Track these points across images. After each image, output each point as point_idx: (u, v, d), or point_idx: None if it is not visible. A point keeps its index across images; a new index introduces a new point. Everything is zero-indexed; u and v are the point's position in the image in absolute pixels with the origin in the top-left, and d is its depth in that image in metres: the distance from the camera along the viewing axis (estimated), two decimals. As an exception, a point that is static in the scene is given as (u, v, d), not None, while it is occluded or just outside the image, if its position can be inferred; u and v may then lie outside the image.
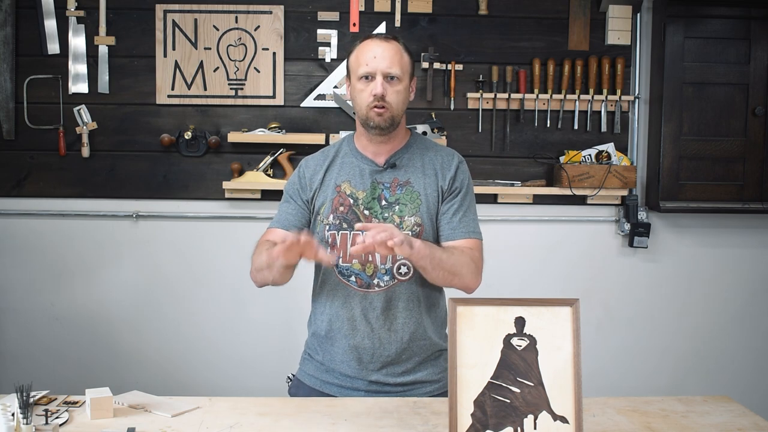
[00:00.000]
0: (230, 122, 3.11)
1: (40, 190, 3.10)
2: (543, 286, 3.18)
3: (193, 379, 3.17)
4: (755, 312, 3.29)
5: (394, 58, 1.78)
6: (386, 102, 1.77)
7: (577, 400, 1.38)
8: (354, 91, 1.82)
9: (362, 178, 1.84)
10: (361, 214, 1.81)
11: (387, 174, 1.85)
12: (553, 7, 3.14)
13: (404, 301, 1.82)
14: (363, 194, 1.82)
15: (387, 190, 1.83)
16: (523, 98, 3.11)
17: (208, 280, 3.16)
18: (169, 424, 1.58)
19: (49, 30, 3.05)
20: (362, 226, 1.64)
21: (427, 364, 1.87)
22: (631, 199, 3.15)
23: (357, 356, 1.82)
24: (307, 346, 1.97)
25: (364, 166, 1.85)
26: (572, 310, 1.42)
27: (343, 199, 1.82)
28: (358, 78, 1.79)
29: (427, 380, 1.87)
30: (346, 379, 1.85)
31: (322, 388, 1.87)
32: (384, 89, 1.76)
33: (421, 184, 1.84)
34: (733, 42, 3.09)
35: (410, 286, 1.82)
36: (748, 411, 1.70)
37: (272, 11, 3.08)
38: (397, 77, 1.78)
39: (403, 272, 1.81)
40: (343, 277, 1.82)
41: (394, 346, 1.82)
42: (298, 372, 1.97)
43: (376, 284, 1.80)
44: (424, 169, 1.86)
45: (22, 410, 1.43)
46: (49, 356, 3.14)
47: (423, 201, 1.82)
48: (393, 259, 1.80)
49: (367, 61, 1.77)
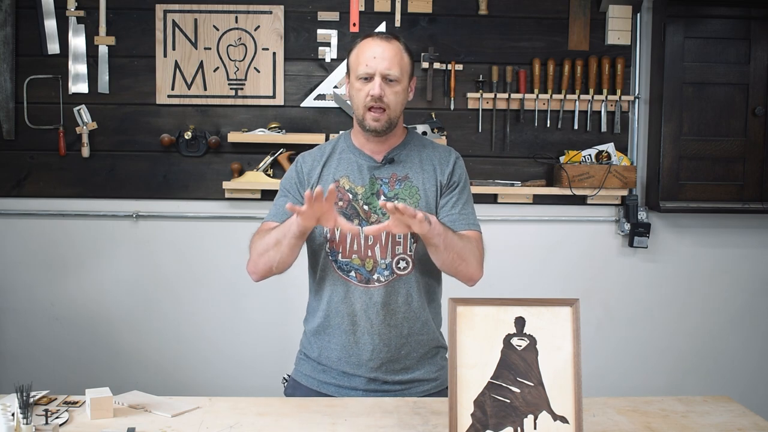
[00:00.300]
0: (230, 122, 3.11)
1: (40, 190, 3.10)
2: (543, 286, 3.18)
3: (193, 379, 3.17)
4: (755, 312, 3.29)
5: (393, 59, 1.77)
6: (384, 103, 1.77)
7: (577, 400, 1.38)
8: (352, 90, 1.82)
9: (360, 173, 1.84)
10: (361, 209, 1.81)
11: (385, 170, 1.85)
12: (553, 7, 3.14)
13: (404, 295, 1.82)
14: (362, 189, 1.82)
15: (386, 186, 1.83)
16: (523, 98, 3.11)
17: (208, 280, 3.16)
18: (169, 424, 1.58)
19: (49, 30, 3.05)
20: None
21: (425, 362, 1.87)
22: (631, 199, 3.15)
23: (356, 352, 1.82)
24: (302, 345, 1.96)
25: (362, 161, 1.85)
26: (572, 310, 1.42)
27: (342, 194, 1.82)
28: (357, 77, 1.79)
29: (425, 378, 1.87)
30: (344, 378, 1.84)
31: (320, 388, 1.87)
32: (382, 90, 1.76)
33: (420, 179, 1.84)
34: (733, 42, 3.09)
35: (409, 280, 1.82)
36: (748, 411, 1.70)
37: (272, 11, 3.08)
38: (396, 78, 1.78)
39: (402, 267, 1.81)
40: (343, 273, 1.82)
41: (393, 342, 1.82)
42: (294, 372, 1.96)
43: (376, 279, 1.80)
44: (422, 164, 1.86)
45: (22, 410, 1.43)
46: (49, 356, 3.14)
47: (422, 196, 1.82)
48: (392, 253, 1.80)
49: (367, 61, 1.77)
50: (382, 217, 1.78)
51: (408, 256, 1.81)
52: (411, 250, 1.81)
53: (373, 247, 1.79)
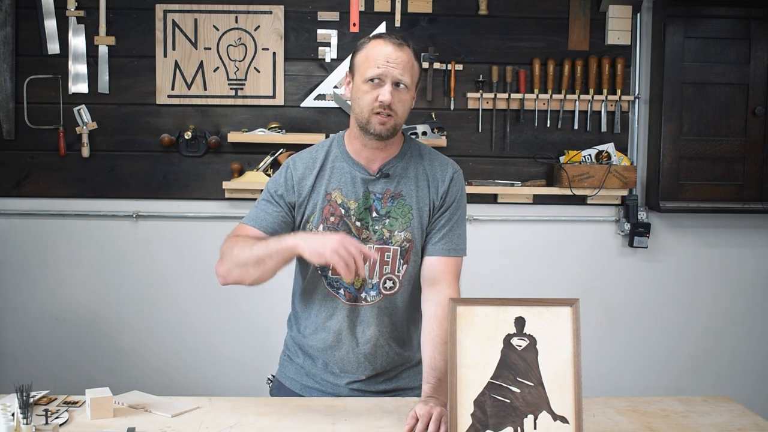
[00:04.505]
0: (230, 122, 3.11)
1: (40, 190, 3.10)
2: (543, 286, 3.18)
3: (193, 379, 3.17)
4: (755, 312, 3.29)
5: (406, 65, 1.68)
6: (392, 110, 1.67)
7: (577, 400, 1.38)
8: (357, 92, 1.71)
9: (354, 186, 1.75)
10: (353, 225, 1.74)
11: (379, 184, 1.76)
12: (553, 7, 3.14)
13: (390, 315, 1.79)
14: (355, 204, 1.74)
15: (378, 202, 1.75)
16: (523, 98, 3.11)
17: (208, 280, 3.14)
18: (169, 424, 1.58)
19: (49, 30, 3.05)
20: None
21: (409, 371, 1.87)
22: (631, 199, 3.15)
23: (341, 367, 1.81)
24: (286, 347, 1.93)
25: (356, 173, 1.75)
26: (572, 310, 1.42)
27: (334, 209, 1.74)
28: (365, 79, 1.68)
29: (409, 387, 1.86)
30: (328, 385, 1.83)
31: (303, 391, 1.85)
32: (392, 97, 1.66)
33: (414, 197, 1.76)
34: (733, 42, 3.09)
35: (395, 301, 1.78)
36: (748, 411, 1.70)
37: (272, 11, 3.08)
38: (406, 86, 1.69)
39: (389, 286, 1.77)
40: (333, 289, 1.77)
41: (379, 360, 1.80)
42: (279, 373, 1.94)
43: (363, 298, 1.76)
44: (417, 180, 1.77)
45: (22, 410, 1.43)
46: (49, 356, 3.14)
47: (414, 215, 1.75)
48: (380, 273, 1.75)
49: (378, 64, 1.66)
50: (374, 234, 1.73)
51: (396, 276, 1.76)
52: (399, 271, 1.76)
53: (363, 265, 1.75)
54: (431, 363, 1.66)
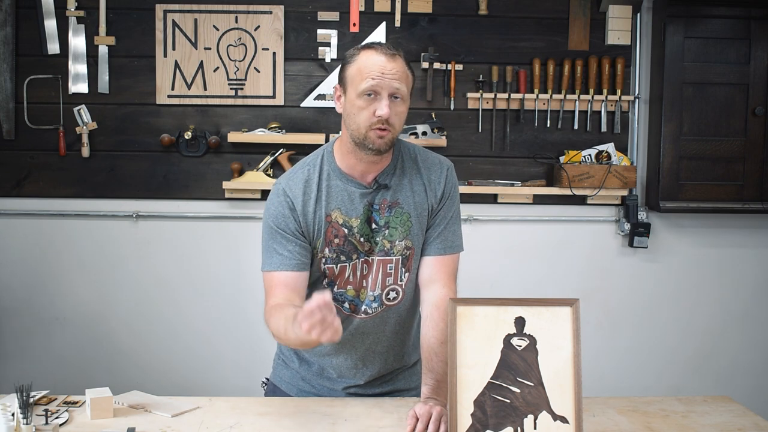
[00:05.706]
0: (230, 122, 3.11)
1: (40, 190, 3.10)
2: (543, 286, 3.18)
3: (193, 380, 3.16)
4: (755, 312, 3.29)
5: (401, 76, 1.61)
6: (389, 124, 1.61)
7: (577, 400, 1.38)
8: (351, 107, 1.63)
9: (352, 203, 1.69)
10: (358, 242, 1.70)
11: (377, 195, 1.71)
12: (553, 7, 3.13)
13: (391, 325, 1.79)
14: (357, 222, 1.69)
15: (376, 213, 1.71)
16: (523, 98, 3.10)
17: (208, 280, 3.16)
18: (169, 424, 1.58)
19: (49, 30, 3.05)
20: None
21: (405, 373, 1.87)
22: (631, 199, 3.15)
23: (339, 372, 1.81)
24: (281, 351, 1.92)
25: (353, 188, 1.69)
26: (572, 310, 1.42)
27: (337, 230, 1.69)
28: (359, 93, 1.60)
29: (406, 388, 1.86)
30: (325, 389, 1.83)
31: (299, 395, 1.85)
32: (389, 110, 1.59)
33: (411, 204, 1.72)
34: (733, 42, 3.09)
35: (398, 310, 1.78)
36: (748, 411, 1.70)
37: (272, 11, 3.07)
38: (402, 97, 1.62)
39: (392, 297, 1.76)
40: (336, 303, 1.71)
41: (377, 367, 1.81)
42: (273, 376, 1.93)
43: (363, 311, 1.75)
44: (413, 186, 1.73)
45: (22, 410, 1.43)
46: (49, 356, 3.14)
47: (414, 222, 1.72)
48: (383, 285, 1.73)
49: (373, 75, 1.59)
50: (375, 246, 1.71)
51: (398, 285, 1.74)
52: (402, 280, 1.74)
53: (367, 277, 1.73)
54: (429, 365, 1.66)
